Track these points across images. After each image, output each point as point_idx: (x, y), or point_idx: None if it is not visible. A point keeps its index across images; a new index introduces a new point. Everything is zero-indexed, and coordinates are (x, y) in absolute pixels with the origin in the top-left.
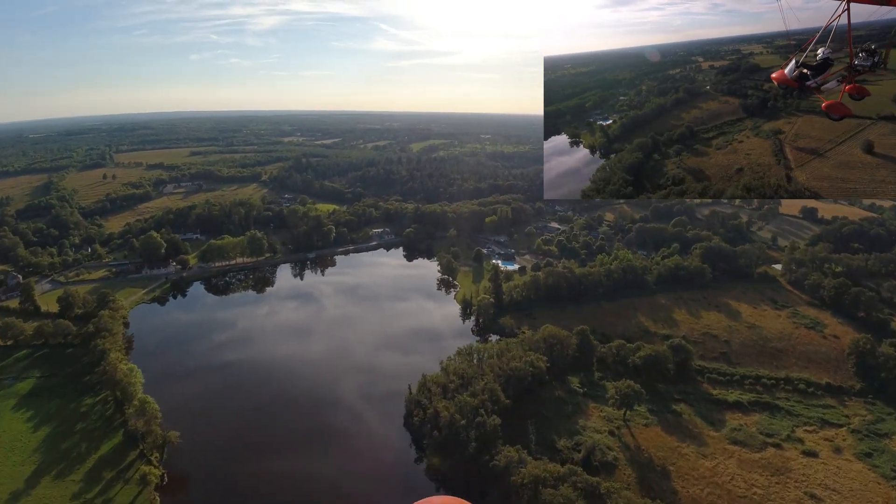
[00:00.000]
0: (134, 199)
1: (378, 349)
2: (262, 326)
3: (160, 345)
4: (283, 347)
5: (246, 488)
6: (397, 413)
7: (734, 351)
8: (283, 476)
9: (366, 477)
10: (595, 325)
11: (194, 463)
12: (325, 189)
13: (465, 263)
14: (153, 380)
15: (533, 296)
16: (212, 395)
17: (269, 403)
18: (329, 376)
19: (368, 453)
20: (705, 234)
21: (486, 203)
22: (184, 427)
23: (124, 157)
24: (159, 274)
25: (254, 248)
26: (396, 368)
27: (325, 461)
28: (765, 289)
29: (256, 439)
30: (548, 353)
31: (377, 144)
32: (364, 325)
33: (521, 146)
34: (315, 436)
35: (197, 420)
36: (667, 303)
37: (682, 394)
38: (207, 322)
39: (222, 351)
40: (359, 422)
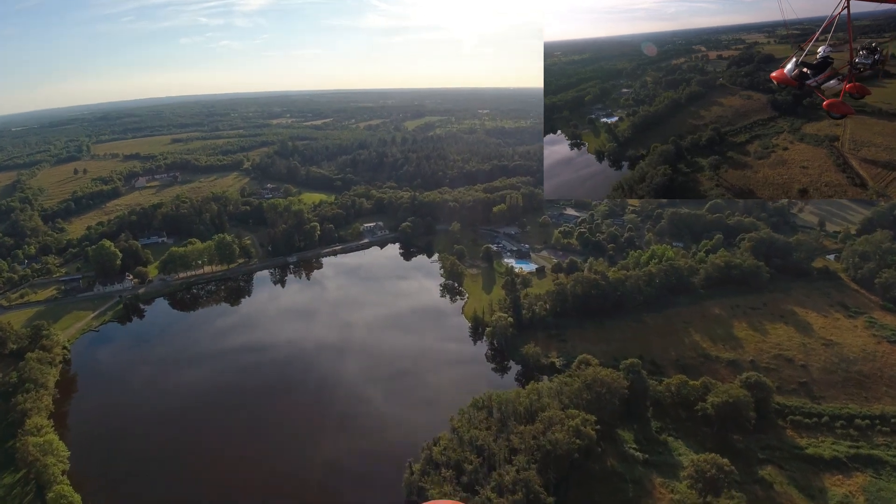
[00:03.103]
0: (102, 197)
1: (369, 383)
2: (217, 353)
3: (105, 390)
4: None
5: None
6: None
7: (815, 380)
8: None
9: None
10: (640, 347)
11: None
12: (311, 176)
13: (472, 264)
14: (91, 442)
15: (559, 308)
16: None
17: (237, 480)
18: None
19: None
20: (749, 222)
21: (493, 189)
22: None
23: (102, 148)
24: (113, 291)
25: (223, 254)
26: (393, 417)
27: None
28: (828, 289)
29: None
30: (594, 406)
31: (370, 124)
32: (352, 356)
33: (522, 121)
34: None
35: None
36: (722, 313)
37: (767, 450)
38: (163, 359)
39: (174, 402)
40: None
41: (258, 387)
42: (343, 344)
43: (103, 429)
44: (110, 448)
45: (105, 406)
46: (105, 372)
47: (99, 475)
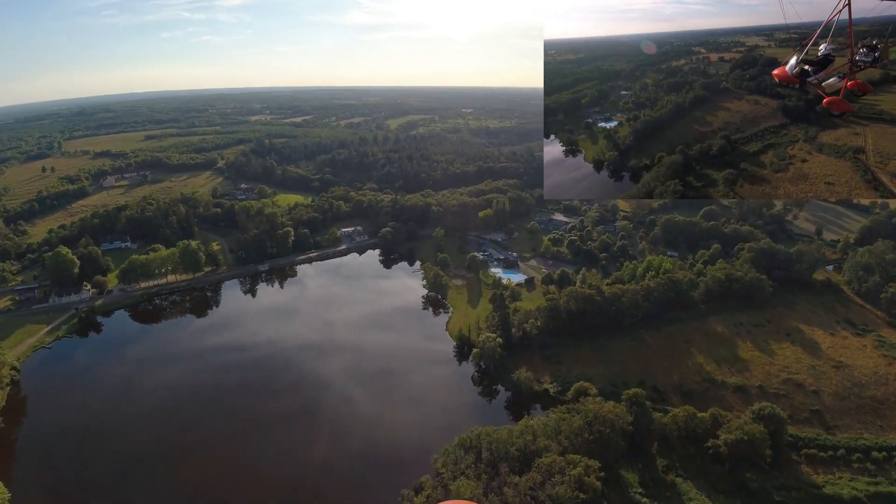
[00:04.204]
0: (68, 197)
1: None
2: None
3: (56, 414)
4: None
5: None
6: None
7: (828, 407)
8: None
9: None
10: (640, 370)
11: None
12: (288, 176)
13: (456, 274)
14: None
15: (552, 326)
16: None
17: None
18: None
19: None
20: (747, 230)
21: (478, 192)
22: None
23: (74, 145)
24: (70, 302)
25: (188, 262)
26: (370, 450)
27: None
28: (832, 303)
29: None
30: (597, 448)
31: (351, 121)
32: (327, 369)
33: (507, 120)
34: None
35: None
36: (725, 330)
37: (783, 490)
38: (119, 381)
39: (132, 427)
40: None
41: (215, 412)
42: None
43: (53, 457)
44: (57, 479)
45: (57, 432)
46: (56, 395)
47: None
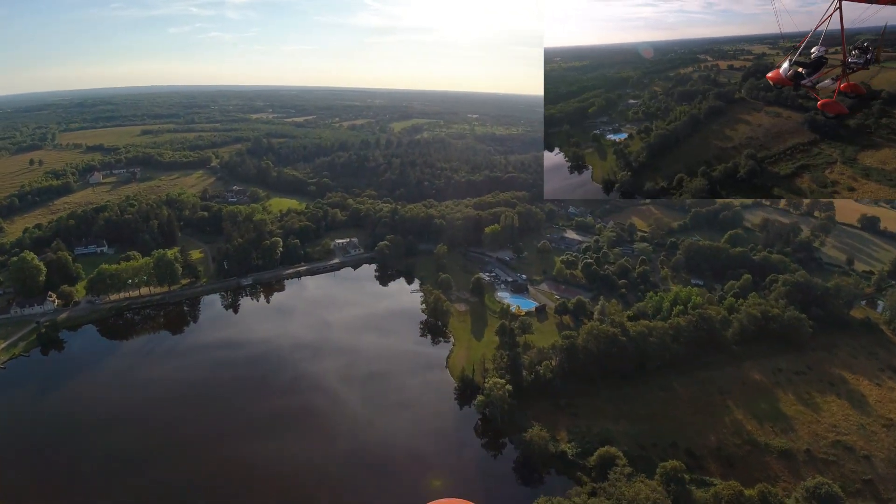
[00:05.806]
0: (51, 193)
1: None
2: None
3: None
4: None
5: None
6: None
7: (881, 476)
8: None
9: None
10: (672, 428)
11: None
12: (284, 179)
13: (459, 297)
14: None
15: (567, 367)
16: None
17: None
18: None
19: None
20: (777, 259)
21: (484, 204)
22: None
23: (68, 137)
24: (32, 315)
25: (163, 273)
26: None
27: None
28: (872, 346)
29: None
30: None
31: (354, 123)
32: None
33: (513, 128)
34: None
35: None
36: (763, 379)
37: None
38: (81, 408)
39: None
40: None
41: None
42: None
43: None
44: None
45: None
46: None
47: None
